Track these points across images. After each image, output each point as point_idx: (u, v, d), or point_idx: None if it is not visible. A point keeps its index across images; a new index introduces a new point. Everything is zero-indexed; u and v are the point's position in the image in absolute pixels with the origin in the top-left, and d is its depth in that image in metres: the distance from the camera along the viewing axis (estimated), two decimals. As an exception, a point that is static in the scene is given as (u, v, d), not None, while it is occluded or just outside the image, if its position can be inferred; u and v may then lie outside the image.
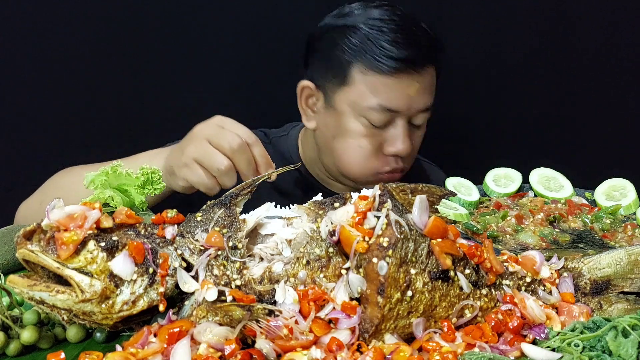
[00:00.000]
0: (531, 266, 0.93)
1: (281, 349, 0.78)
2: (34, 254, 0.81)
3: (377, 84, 1.43)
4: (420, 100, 1.45)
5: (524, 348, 0.81)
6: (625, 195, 1.34)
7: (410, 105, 1.44)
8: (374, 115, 1.44)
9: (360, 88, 1.44)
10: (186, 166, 1.26)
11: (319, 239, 0.86)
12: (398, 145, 1.46)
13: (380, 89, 1.43)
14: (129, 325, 0.86)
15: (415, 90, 1.43)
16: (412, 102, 1.44)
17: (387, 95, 1.43)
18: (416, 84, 1.43)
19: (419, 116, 1.48)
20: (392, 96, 1.43)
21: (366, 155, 1.48)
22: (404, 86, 1.42)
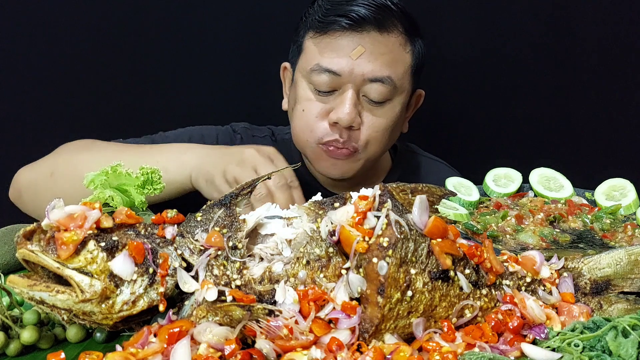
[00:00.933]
0: (531, 266, 0.93)
1: (281, 349, 0.78)
2: (34, 254, 0.81)
3: (320, 46, 1.41)
4: (365, 65, 1.38)
5: (524, 348, 0.81)
6: (625, 195, 1.34)
7: (352, 69, 1.37)
8: (316, 77, 1.40)
9: (307, 53, 1.44)
10: (227, 183, 1.27)
11: (319, 239, 0.86)
12: (339, 112, 1.38)
13: (323, 51, 1.40)
14: (129, 325, 0.86)
15: (358, 53, 1.37)
16: (355, 66, 1.37)
17: (327, 56, 1.39)
18: (360, 47, 1.37)
19: (372, 88, 1.39)
20: (333, 57, 1.39)
21: (309, 119, 1.43)
22: (344, 47, 1.38)
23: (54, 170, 1.41)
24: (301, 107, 1.44)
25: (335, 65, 1.38)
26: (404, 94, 1.46)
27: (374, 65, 1.39)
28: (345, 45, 1.38)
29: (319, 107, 1.42)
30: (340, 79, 1.39)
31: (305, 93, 1.44)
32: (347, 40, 1.39)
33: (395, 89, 1.42)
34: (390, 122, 1.45)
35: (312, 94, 1.43)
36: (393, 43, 1.41)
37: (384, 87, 1.40)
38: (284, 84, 1.59)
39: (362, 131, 1.42)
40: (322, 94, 1.42)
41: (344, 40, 1.39)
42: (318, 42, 1.42)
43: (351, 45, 1.38)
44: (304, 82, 1.45)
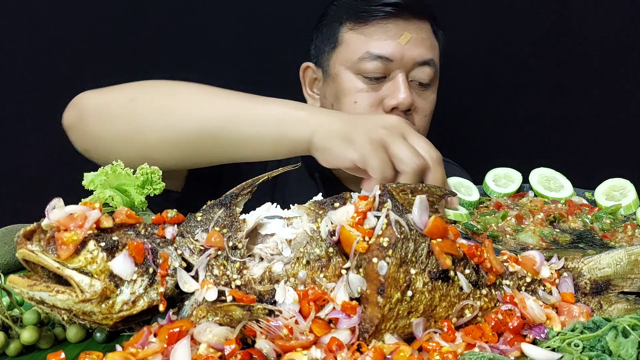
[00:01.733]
0: (531, 266, 0.93)
1: (281, 349, 0.78)
2: (34, 254, 0.81)
3: (366, 34, 1.43)
4: (414, 50, 1.42)
5: (524, 348, 0.81)
6: (625, 195, 1.34)
7: (403, 54, 1.41)
8: (366, 65, 1.41)
9: (350, 44, 1.45)
10: (371, 144, 1.09)
11: (319, 239, 0.86)
12: (398, 95, 1.40)
13: (369, 39, 1.42)
14: (129, 325, 0.86)
15: (406, 38, 1.41)
16: (405, 51, 1.41)
17: (376, 43, 1.42)
18: (406, 33, 1.42)
19: (421, 71, 1.44)
20: (382, 43, 1.42)
21: (364, 109, 1.43)
22: (393, 34, 1.42)
23: (135, 97, 1.25)
24: (352, 100, 1.44)
25: (386, 51, 1.41)
26: (436, 81, 1.51)
27: (420, 50, 1.44)
28: (390, 30, 1.42)
29: (372, 96, 1.42)
30: (391, 65, 1.42)
31: (354, 84, 1.44)
32: (393, 27, 1.42)
33: (436, 72, 1.48)
34: (433, 107, 1.50)
35: (361, 83, 1.43)
36: (428, 30, 1.48)
37: (430, 69, 1.46)
38: (305, 84, 1.58)
39: (415, 117, 1.45)
40: (372, 82, 1.43)
41: (390, 27, 1.42)
42: (362, 31, 1.44)
43: (397, 31, 1.42)
44: (349, 73, 1.45)
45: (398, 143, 1.08)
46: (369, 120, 1.14)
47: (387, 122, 1.12)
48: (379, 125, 1.11)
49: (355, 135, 1.10)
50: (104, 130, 1.24)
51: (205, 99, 1.16)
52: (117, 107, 1.24)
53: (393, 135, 1.09)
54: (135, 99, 1.23)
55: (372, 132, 1.09)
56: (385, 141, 1.08)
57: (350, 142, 1.10)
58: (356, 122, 1.13)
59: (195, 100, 1.14)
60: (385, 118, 1.15)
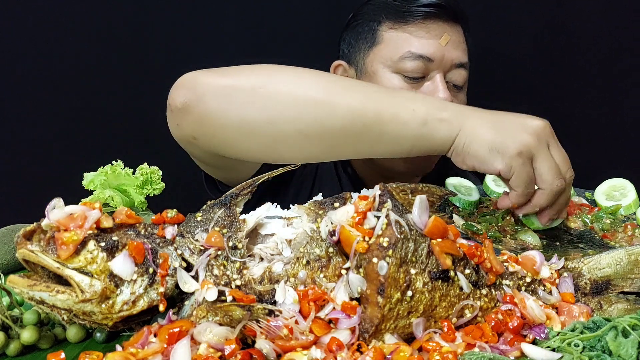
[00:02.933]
0: (531, 266, 0.93)
1: (281, 349, 0.78)
2: (34, 254, 0.81)
3: (407, 34, 1.45)
4: (453, 52, 1.45)
5: (524, 348, 0.81)
6: (625, 195, 1.34)
7: (443, 54, 1.43)
8: (407, 64, 1.43)
9: (390, 43, 1.46)
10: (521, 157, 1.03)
11: (319, 239, 0.86)
12: (438, 95, 1.41)
13: (411, 38, 1.44)
14: (129, 325, 0.86)
15: (446, 39, 1.44)
16: (445, 52, 1.44)
17: (418, 43, 1.44)
18: (446, 35, 1.44)
19: (457, 73, 1.46)
20: (423, 42, 1.44)
21: None
22: (433, 34, 1.44)
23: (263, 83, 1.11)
24: None
25: (428, 51, 1.43)
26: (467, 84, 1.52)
27: (458, 52, 1.46)
28: (431, 31, 1.44)
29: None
30: (431, 65, 1.43)
31: (392, 83, 1.45)
32: (434, 28, 1.45)
33: (468, 76, 1.50)
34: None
35: (401, 82, 1.45)
36: (462, 32, 1.51)
37: (465, 72, 1.48)
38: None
39: None
40: (411, 82, 1.44)
41: (431, 27, 1.44)
42: (403, 31, 1.46)
43: (438, 32, 1.44)
44: (387, 72, 1.46)
45: (543, 157, 1.05)
46: (515, 123, 1.08)
47: (535, 126, 1.07)
48: (526, 131, 1.05)
49: (503, 145, 1.04)
50: (229, 116, 1.10)
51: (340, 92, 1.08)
52: (245, 93, 1.10)
53: (540, 144, 1.05)
54: (264, 86, 1.10)
55: (520, 139, 1.04)
56: (532, 153, 1.04)
57: (498, 152, 1.04)
58: (503, 126, 1.07)
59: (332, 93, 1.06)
60: (531, 121, 1.08)
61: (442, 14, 1.45)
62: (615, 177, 1.38)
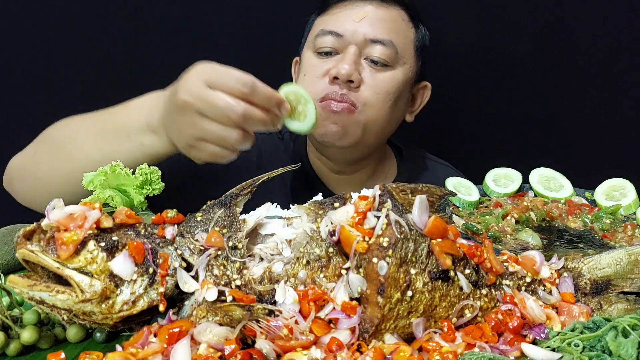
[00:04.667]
0: (531, 266, 0.93)
1: (281, 349, 0.78)
2: (34, 254, 0.81)
3: (325, 17, 1.49)
4: (368, 27, 1.44)
5: (524, 348, 0.81)
6: (625, 195, 1.34)
7: (355, 30, 1.43)
8: (319, 40, 1.46)
9: (314, 28, 1.51)
10: (191, 147, 1.11)
11: (319, 239, 0.86)
12: (339, 66, 1.41)
13: (327, 20, 1.48)
14: (129, 325, 0.86)
15: (362, 16, 1.44)
16: (358, 27, 1.43)
17: (332, 21, 1.47)
18: (362, 11, 1.45)
19: (374, 49, 1.44)
20: (336, 20, 1.46)
21: (310, 80, 1.45)
22: (349, 12, 1.46)
23: (36, 149, 1.36)
24: (303, 73, 1.48)
25: (339, 27, 1.45)
26: (407, 67, 1.49)
27: (375, 28, 1.45)
28: (349, 12, 1.46)
29: (320, 67, 1.45)
30: (342, 40, 1.44)
31: (309, 61, 1.48)
32: (350, 9, 1.47)
33: (397, 54, 1.46)
34: (392, 89, 1.46)
35: (314, 58, 1.47)
36: (395, 15, 1.49)
37: (386, 48, 1.44)
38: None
39: (362, 89, 1.43)
40: (324, 56, 1.46)
41: (347, 9, 1.47)
42: (323, 17, 1.50)
43: (355, 12, 1.46)
44: (308, 52, 1.49)
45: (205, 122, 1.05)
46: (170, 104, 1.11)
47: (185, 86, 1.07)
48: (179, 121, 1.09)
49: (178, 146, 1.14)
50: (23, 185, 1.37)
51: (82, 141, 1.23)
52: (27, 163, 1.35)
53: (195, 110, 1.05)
54: (37, 151, 1.35)
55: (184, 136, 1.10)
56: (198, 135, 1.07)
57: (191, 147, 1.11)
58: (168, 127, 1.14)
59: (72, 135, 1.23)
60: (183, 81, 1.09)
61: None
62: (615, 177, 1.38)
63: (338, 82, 1.41)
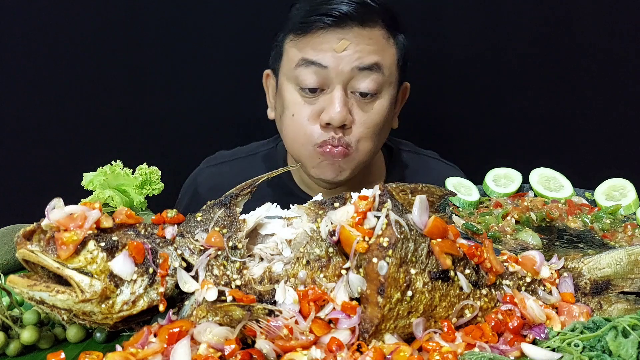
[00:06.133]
0: (531, 266, 0.93)
1: (281, 349, 0.78)
2: (34, 254, 0.81)
3: (302, 44, 1.40)
4: (351, 56, 1.37)
5: (524, 348, 0.81)
6: (625, 195, 1.34)
7: (339, 62, 1.36)
8: (302, 72, 1.38)
9: (290, 54, 1.42)
10: None
11: (319, 239, 0.86)
12: (331, 111, 1.36)
13: (305, 48, 1.39)
14: (129, 325, 0.86)
15: (343, 46, 1.36)
16: (341, 59, 1.36)
17: (312, 51, 1.38)
18: (344, 40, 1.36)
19: (361, 78, 1.38)
20: (317, 50, 1.38)
21: (301, 124, 1.40)
22: (328, 41, 1.37)
23: None
24: (290, 112, 1.42)
25: (321, 58, 1.37)
26: (392, 86, 1.45)
27: (360, 54, 1.38)
28: (329, 40, 1.38)
29: (308, 109, 1.40)
30: (327, 73, 1.37)
31: (292, 96, 1.42)
32: (330, 37, 1.38)
33: (384, 78, 1.41)
34: (381, 118, 1.43)
35: (299, 96, 1.41)
36: (377, 35, 1.41)
37: (373, 75, 1.39)
38: (267, 92, 1.57)
39: (353, 129, 1.41)
40: (309, 95, 1.40)
41: (327, 36, 1.38)
42: (299, 42, 1.41)
43: (335, 40, 1.37)
44: (289, 85, 1.43)
45: None
46: None
47: None
48: None
49: None
50: None
51: None
52: None
53: None
54: None
55: None
56: None
57: None
58: None
59: None
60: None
61: (343, 22, 1.37)
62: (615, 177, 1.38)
63: (331, 127, 1.38)
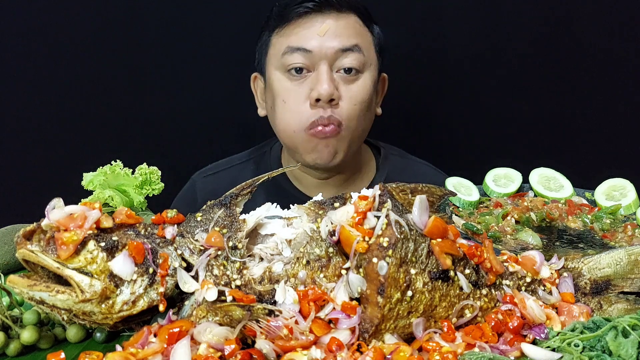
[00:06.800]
0: (531, 266, 0.93)
1: (281, 349, 0.78)
2: (34, 254, 0.81)
3: (287, 33, 1.47)
4: (334, 39, 1.44)
5: (524, 348, 0.81)
6: (625, 195, 1.34)
7: (322, 44, 1.43)
8: (288, 58, 1.45)
9: (276, 45, 1.49)
10: None
11: (319, 239, 0.86)
12: (318, 88, 1.42)
13: (290, 36, 1.46)
14: (129, 325, 0.86)
15: (325, 29, 1.43)
16: (324, 42, 1.43)
17: (295, 37, 1.45)
18: (325, 25, 1.44)
19: (345, 58, 1.45)
20: (301, 36, 1.45)
21: (291, 107, 1.45)
22: (311, 27, 1.45)
23: None
24: (281, 99, 1.47)
25: (305, 42, 1.44)
26: (372, 67, 1.51)
27: (341, 37, 1.45)
28: (311, 25, 1.45)
29: (297, 92, 1.45)
30: (312, 56, 1.44)
31: (281, 84, 1.47)
32: (312, 22, 1.45)
33: (364, 58, 1.47)
34: (366, 96, 1.48)
35: (288, 82, 1.46)
36: (353, 21, 1.49)
37: (355, 54, 1.46)
38: (256, 93, 1.62)
39: (342, 105, 1.45)
40: (297, 78, 1.45)
41: (308, 22, 1.45)
42: (283, 32, 1.48)
43: (316, 25, 1.45)
44: (277, 73, 1.48)
45: None
46: None
47: None
48: None
49: None
50: None
51: None
52: None
53: None
54: None
55: None
56: None
57: None
58: None
59: None
60: None
61: (322, 7, 1.45)
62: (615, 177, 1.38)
63: (320, 103, 1.43)
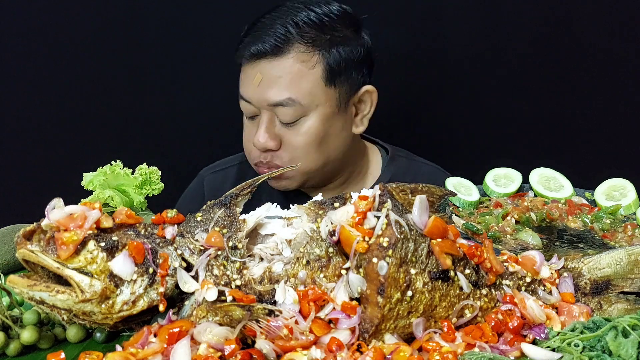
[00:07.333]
0: (531, 266, 0.93)
1: (281, 349, 0.78)
2: (34, 254, 0.81)
3: (240, 75, 1.50)
4: (265, 92, 1.43)
5: (524, 348, 0.81)
6: (625, 195, 1.34)
7: (259, 95, 1.44)
8: (241, 104, 1.49)
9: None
10: None
11: (319, 239, 0.86)
12: (256, 136, 1.46)
13: (241, 80, 1.49)
14: (129, 325, 0.86)
15: (257, 81, 1.44)
16: (258, 94, 1.44)
17: (241, 84, 1.49)
18: (258, 75, 1.44)
19: (280, 111, 1.43)
20: (243, 84, 1.48)
21: (245, 143, 1.53)
22: (249, 76, 1.46)
23: None
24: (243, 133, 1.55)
25: (245, 92, 1.47)
26: (320, 106, 1.46)
27: (272, 91, 1.43)
28: (250, 74, 1.46)
29: (249, 131, 1.51)
30: (253, 106, 1.47)
31: (244, 118, 1.53)
32: (250, 69, 1.46)
33: (302, 107, 1.44)
34: (312, 138, 1.47)
35: (245, 119, 1.52)
36: (291, 65, 1.43)
37: (289, 109, 1.44)
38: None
39: (281, 152, 1.47)
40: (249, 119, 1.50)
41: (248, 69, 1.46)
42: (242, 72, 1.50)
43: (252, 74, 1.45)
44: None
45: None
46: None
47: None
48: None
49: None
50: None
51: None
52: None
53: None
54: None
55: None
56: None
57: None
58: None
59: None
60: None
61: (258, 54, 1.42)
62: (615, 177, 1.37)
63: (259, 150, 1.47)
